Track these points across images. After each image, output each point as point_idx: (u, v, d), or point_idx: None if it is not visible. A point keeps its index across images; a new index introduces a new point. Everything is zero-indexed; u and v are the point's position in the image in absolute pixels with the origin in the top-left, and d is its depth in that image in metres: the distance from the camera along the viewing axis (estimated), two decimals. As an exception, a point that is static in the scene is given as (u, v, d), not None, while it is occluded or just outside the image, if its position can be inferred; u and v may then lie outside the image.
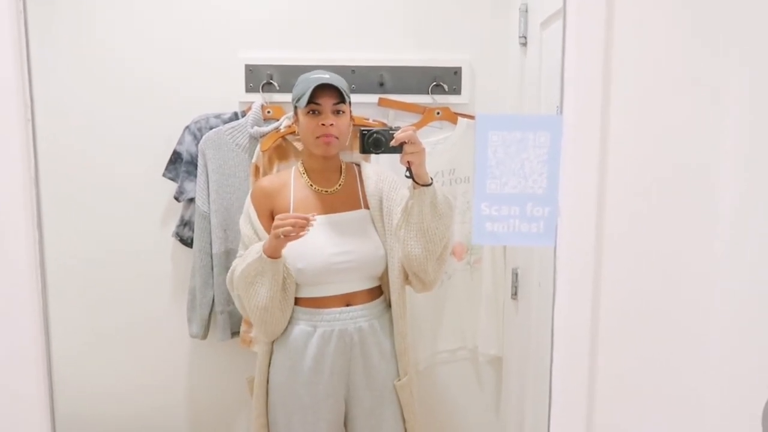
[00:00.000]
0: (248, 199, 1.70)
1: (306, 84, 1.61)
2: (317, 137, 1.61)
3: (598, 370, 0.80)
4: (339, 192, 1.68)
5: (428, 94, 2.02)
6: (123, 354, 2.12)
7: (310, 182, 1.68)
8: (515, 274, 1.97)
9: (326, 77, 1.61)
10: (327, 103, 1.60)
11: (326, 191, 1.68)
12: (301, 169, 1.71)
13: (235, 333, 2.04)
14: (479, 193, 0.77)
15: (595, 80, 0.76)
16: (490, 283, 2.08)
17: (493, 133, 0.77)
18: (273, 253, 1.53)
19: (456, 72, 2.02)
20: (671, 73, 0.78)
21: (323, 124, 1.60)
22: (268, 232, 1.62)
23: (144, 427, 2.13)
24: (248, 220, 1.67)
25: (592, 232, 0.79)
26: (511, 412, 2.05)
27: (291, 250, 1.58)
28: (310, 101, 1.59)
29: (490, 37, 2.03)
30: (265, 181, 1.74)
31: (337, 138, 1.62)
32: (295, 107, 1.67)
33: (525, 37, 1.86)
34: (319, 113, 1.61)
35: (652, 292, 0.81)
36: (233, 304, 2.01)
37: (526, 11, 1.85)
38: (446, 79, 2.02)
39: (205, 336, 2.04)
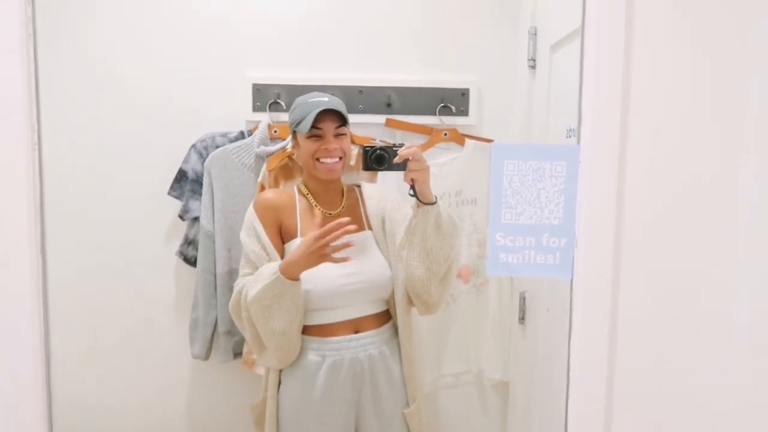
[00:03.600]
0: (251, 212, 1.62)
1: (305, 108, 1.57)
2: (318, 160, 1.58)
3: (613, 414, 0.77)
4: (342, 214, 1.64)
5: (436, 115, 2.01)
6: (124, 373, 2.09)
7: (315, 203, 1.64)
8: (522, 298, 1.94)
9: (325, 101, 1.56)
10: (329, 127, 1.56)
11: (330, 213, 1.64)
12: (304, 190, 1.66)
13: (237, 354, 2.01)
14: (494, 223, 0.75)
15: (613, 111, 0.74)
16: (497, 306, 2.06)
17: (509, 162, 0.75)
18: (292, 275, 1.47)
19: (464, 93, 2.02)
20: (690, 104, 0.77)
21: (326, 149, 1.56)
22: (276, 246, 1.58)
23: (143, 448, 2.09)
24: (254, 234, 1.59)
25: (610, 264, 0.76)
26: (517, 439, 2.01)
27: None
28: (312, 126, 1.55)
29: (498, 59, 2.02)
30: (270, 194, 1.67)
31: (340, 158, 1.59)
32: (294, 131, 1.63)
33: (534, 60, 1.85)
34: (321, 137, 1.57)
35: (671, 327, 0.78)
36: (235, 325, 1.99)
37: (536, 34, 1.84)
38: (454, 101, 2.01)
39: (207, 357, 2.01)
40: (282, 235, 1.63)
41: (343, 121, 1.58)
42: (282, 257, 1.58)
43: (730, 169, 0.78)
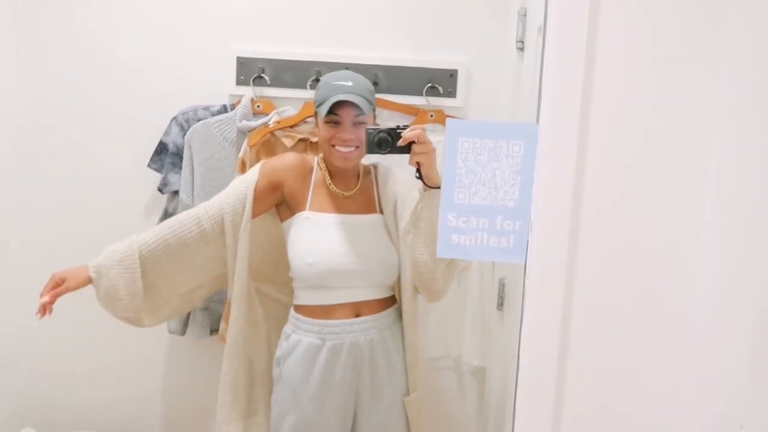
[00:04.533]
0: (258, 166, 1.61)
1: (327, 91, 1.52)
2: (333, 146, 1.54)
3: (564, 401, 0.75)
4: (356, 196, 1.62)
5: (422, 95, 1.97)
6: (100, 347, 2.08)
7: (330, 182, 1.61)
8: (502, 285, 1.92)
9: (348, 85, 1.51)
10: (348, 115, 1.51)
11: (344, 194, 1.61)
12: (322, 165, 1.63)
13: (214, 330, 2.00)
14: (446, 202, 0.72)
15: (574, 87, 0.71)
16: (477, 292, 2.03)
17: (464, 140, 0.72)
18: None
19: (452, 74, 1.98)
20: (655, 82, 0.73)
21: (341, 137, 1.53)
22: (258, 203, 1.56)
23: (118, 421, 2.09)
24: (245, 180, 1.58)
25: (565, 250, 0.74)
26: (492, 424, 2.00)
27: (302, 244, 1.54)
28: (330, 112, 1.51)
29: (488, 40, 1.98)
30: (290, 156, 1.65)
31: (357, 148, 1.54)
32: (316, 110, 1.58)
33: (522, 42, 1.81)
34: (339, 124, 1.53)
35: (627, 316, 0.76)
36: (213, 301, 1.97)
37: (525, 15, 1.79)
38: (442, 81, 1.97)
39: (183, 332, 2.00)
40: (290, 202, 1.60)
41: (363, 109, 1.52)
42: (257, 212, 1.58)
43: (695, 155, 0.75)
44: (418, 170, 1.43)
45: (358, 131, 1.53)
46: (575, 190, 0.73)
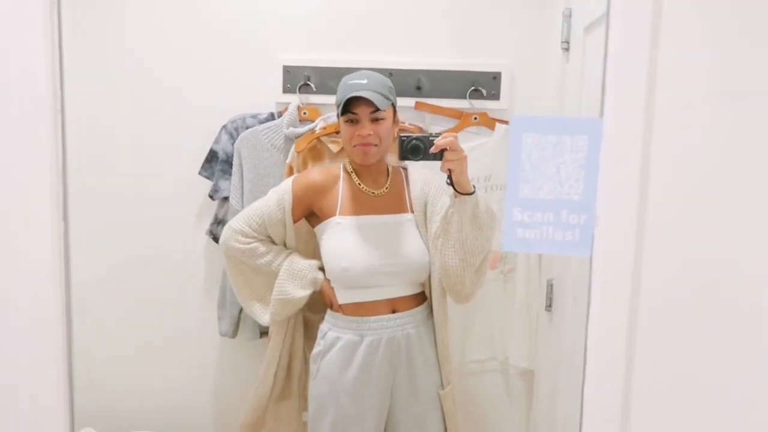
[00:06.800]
0: (289, 184, 1.65)
1: (344, 91, 1.56)
2: (354, 146, 1.58)
3: (632, 395, 0.75)
4: (386, 195, 1.65)
5: (466, 98, 1.98)
6: (155, 350, 2.14)
7: (359, 182, 1.65)
8: (550, 286, 1.91)
9: (363, 83, 1.55)
10: (364, 112, 1.55)
11: (374, 193, 1.65)
12: (349, 168, 1.67)
13: (264, 333, 2.04)
14: (511, 197, 0.74)
15: (639, 80, 0.71)
16: (524, 293, 2.03)
17: (528, 136, 0.73)
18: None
19: (495, 77, 1.98)
20: (721, 76, 0.73)
21: (359, 135, 1.56)
22: (296, 220, 1.64)
23: (171, 422, 2.14)
24: (281, 205, 1.62)
25: (631, 244, 0.74)
26: (540, 428, 1.98)
27: (336, 249, 1.58)
28: (347, 110, 1.55)
29: (531, 41, 1.98)
30: (315, 174, 1.69)
31: (375, 146, 1.57)
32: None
33: (567, 42, 1.81)
34: (357, 122, 1.57)
35: (695, 311, 0.75)
36: (263, 304, 2.01)
37: (570, 15, 1.79)
38: (485, 84, 1.98)
39: (234, 335, 2.04)
40: (319, 214, 1.65)
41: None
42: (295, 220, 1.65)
43: (765, 143, 0.74)
44: (449, 177, 1.45)
45: (376, 127, 1.56)
46: (641, 183, 0.73)
